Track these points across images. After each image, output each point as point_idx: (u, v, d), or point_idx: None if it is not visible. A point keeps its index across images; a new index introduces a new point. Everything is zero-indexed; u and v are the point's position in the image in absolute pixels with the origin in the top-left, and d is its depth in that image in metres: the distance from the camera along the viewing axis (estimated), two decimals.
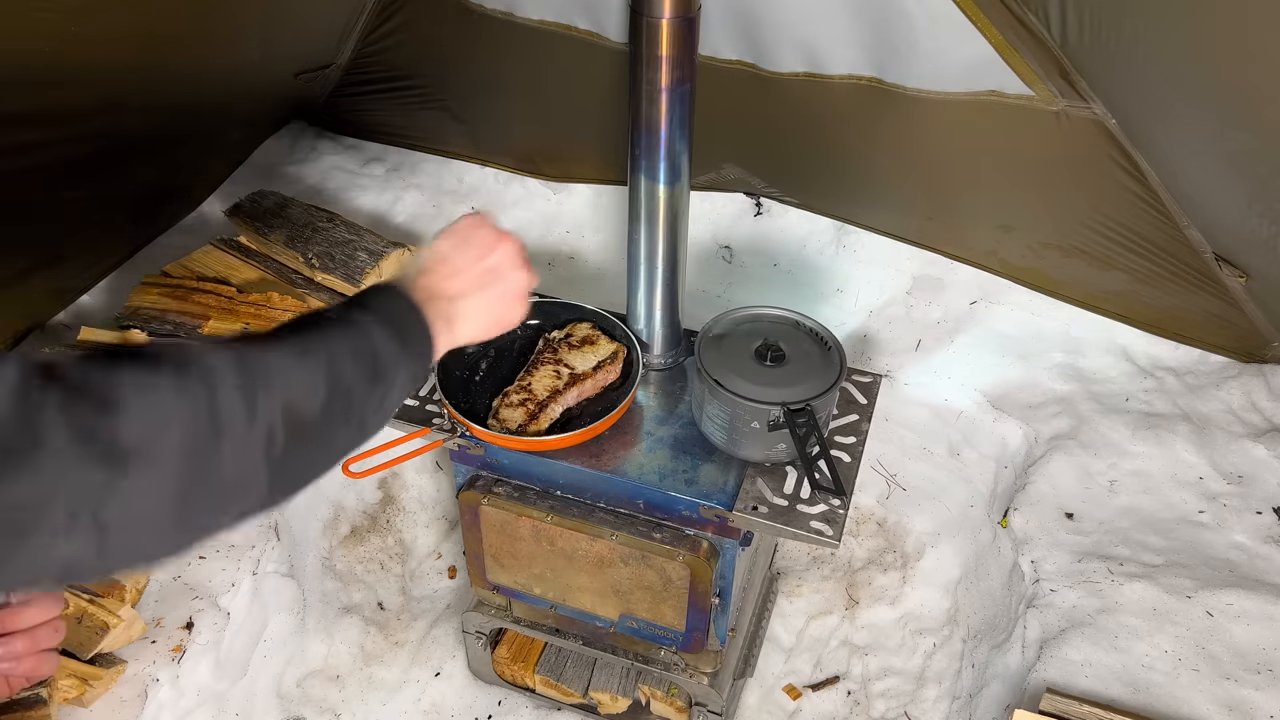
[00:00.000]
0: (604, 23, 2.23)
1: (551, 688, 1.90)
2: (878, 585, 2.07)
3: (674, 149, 1.34)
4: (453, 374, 1.52)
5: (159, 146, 2.33)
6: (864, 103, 2.12)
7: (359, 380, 0.79)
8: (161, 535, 0.66)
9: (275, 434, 0.69)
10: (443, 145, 2.88)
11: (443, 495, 2.24)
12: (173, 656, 1.97)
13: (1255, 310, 2.17)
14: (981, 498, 2.17)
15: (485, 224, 1.03)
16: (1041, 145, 2.04)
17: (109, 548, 0.62)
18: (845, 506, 1.37)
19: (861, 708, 1.93)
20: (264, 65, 2.47)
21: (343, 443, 0.80)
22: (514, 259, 1.03)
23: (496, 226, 1.03)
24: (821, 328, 1.45)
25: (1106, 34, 1.64)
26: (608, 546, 1.51)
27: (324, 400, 0.74)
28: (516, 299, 1.03)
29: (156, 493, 0.63)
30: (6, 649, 0.85)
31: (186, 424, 0.64)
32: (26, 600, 0.86)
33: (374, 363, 0.81)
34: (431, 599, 2.13)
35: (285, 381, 0.71)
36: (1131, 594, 1.84)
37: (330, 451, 0.79)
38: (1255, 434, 2.17)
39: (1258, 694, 1.65)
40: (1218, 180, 1.85)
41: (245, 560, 2.16)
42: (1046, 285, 2.43)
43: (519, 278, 1.03)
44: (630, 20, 1.24)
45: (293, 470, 0.73)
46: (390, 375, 0.82)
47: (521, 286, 1.04)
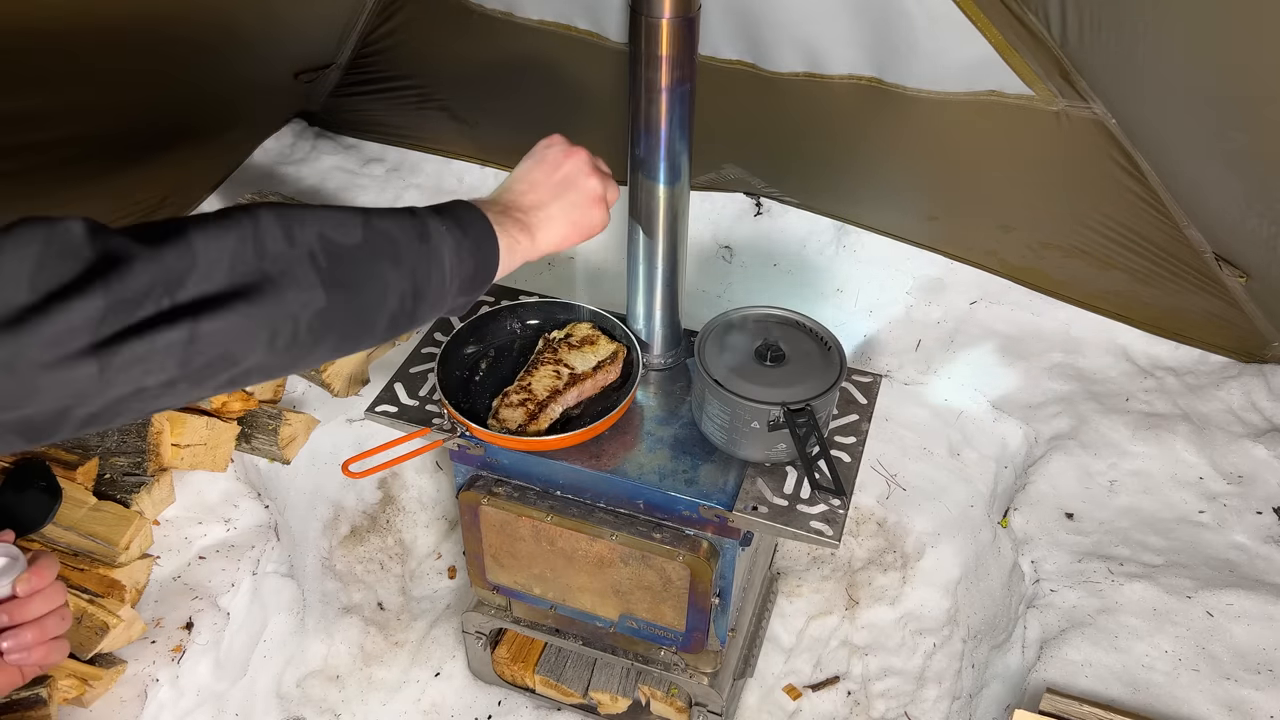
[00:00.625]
0: (604, 23, 2.23)
1: (551, 688, 1.90)
2: (878, 585, 2.07)
3: (674, 149, 1.34)
4: (453, 374, 1.52)
5: (159, 146, 2.33)
6: (864, 103, 2.12)
7: (401, 232, 0.84)
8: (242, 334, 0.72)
9: (317, 256, 0.77)
10: (443, 145, 2.88)
11: (443, 495, 2.24)
12: (173, 656, 1.97)
13: (1255, 310, 2.17)
14: (981, 498, 2.17)
15: (557, 141, 1.12)
16: (1041, 145, 2.04)
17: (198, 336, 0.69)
18: (845, 506, 1.37)
19: (861, 708, 1.93)
20: (264, 65, 2.47)
21: (397, 286, 0.83)
22: (586, 168, 1.10)
23: (567, 142, 1.11)
24: (821, 328, 1.45)
25: (1106, 34, 1.64)
26: (608, 546, 1.51)
27: (361, 237, 0.80)
28: (594, 203, 1.09)
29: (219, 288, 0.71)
30: (16, 640, 0.87)
31: (235, 243, 0.72)
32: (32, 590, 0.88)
33: (417, 226, 0.86)
34: (431, 599, 2.13)
35: (319, 218, 0.79)
36: (1131, 594, 1.84)
37: (384, 286, 0.82)
38: (1255, 434, 2.17)
39: (1258, 694, 1.65)
40: (1218, 180, 1.85)
41: (245, 560, 2.16)
42: (1046, 285, 2.43)
43: (593, 184, 1.09)
44: (630, 20, 1.24)
45: (346, 287, 0.79)
46: (437, 241, 0.87)
47: (597, 191, 1.09)
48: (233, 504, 2.25)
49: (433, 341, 1.61)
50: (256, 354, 0.74)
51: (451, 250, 0.88)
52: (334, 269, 0.78)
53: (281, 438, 2.16)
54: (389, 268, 0.83)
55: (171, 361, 0.68)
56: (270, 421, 2.17)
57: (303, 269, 0.76)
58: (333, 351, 0.81)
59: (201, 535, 2.18)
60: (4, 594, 0.87)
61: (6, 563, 0.88)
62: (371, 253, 0.81)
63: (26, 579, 0.88)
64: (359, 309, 0.81)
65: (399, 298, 0.84)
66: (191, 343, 0.69)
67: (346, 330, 0.80)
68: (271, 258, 0.74)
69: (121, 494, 2.05)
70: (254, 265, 0.73)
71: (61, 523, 1.93)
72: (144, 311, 0.67)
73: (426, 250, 0.86)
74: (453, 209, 0.92)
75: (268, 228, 0.75)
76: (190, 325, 0.68)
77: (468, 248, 0.90)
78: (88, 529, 1.94)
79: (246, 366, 0.74)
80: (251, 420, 2.19)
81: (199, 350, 0.69)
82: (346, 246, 0.79)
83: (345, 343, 0.81)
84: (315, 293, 0.76)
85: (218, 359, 0.71)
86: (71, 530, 1.93)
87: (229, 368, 0.73)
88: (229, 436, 2.17)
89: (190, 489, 2.22)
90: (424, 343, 1.63)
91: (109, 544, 1.95)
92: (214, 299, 0.70)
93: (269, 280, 0.73)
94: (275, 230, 0.75)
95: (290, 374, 0.81)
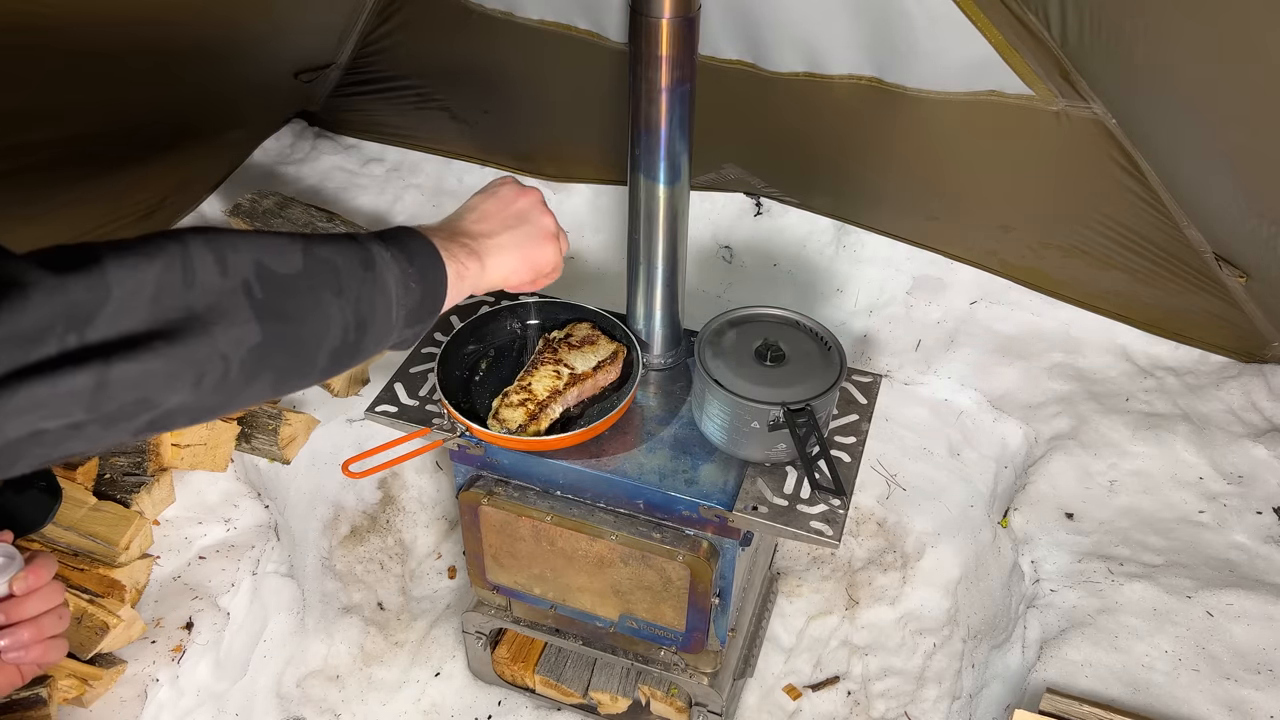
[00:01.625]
0: (604, 23, 2.23)
1: (551, 688, 1.90)
2: (878, 585, 2.07)
3: (674, 149, 1.34)
4: (453, 374, 1.52)
5: (159, 146, 2.33)
6: (864, 103, 2.12)
7: (343, 260, 0.79)
8: (163, 377, 0.66)
9: (252, 286, 0.71)
10: (443, 145, 2.88)
11: (443, 495, 2.24)
12: (173, 656, 1.97)
13: (1255, 310, 2.17)
14: (981, 498, 2.17)
15: (509, 179, 1.10)
16: (1041, 145, 2.04)
17: (108, 382, 0.62)
18: (845, 506, 1.37)
19: (861, 708, 1.93)
20: (264, 65, 2.47)
21: (339, 319, 0.78)
22: (538, 205, 1.08)
23: (520, 182, 1.09)
24: (821, 328, 1.45)
25: (1106, 34, 1.64)
26: (608, 546, 1.51)
27: (301, 265, 0.75)
28: (546, 238, 1.07)
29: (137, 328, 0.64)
30: (14, 639, 0.87)
31: (159, 274, 0.66)
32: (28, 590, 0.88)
33: (360, 252, 0.81)
34: (431, 599, 2.13)
35: (254, 245, 0.73)
36: (1131, 594, 1.84)
37: (324, 319, 0.77)
38: (1255, 434, 2.17)
39: (1258, 694, 1.65)
40: (1218, 180, 1.85)
41: (245, 560, 2.16)
42: (1046, 285, 2.43)
43: (546, 221, 1.07)
44: (630, 20, 1.24)
45: (282, 320, 0.73)
46: (382, 268, 0.82)
47: (550, 227, 1.07)
48: (233, 504, 2.25)
49: (433, 341, 1.61)
50: (180, 396, 0.67)
51: (397, 278, 0.83)
52: (271, 300, 0.72)
53: (281, 438, 2.17)
54: (331, 298, 0.77)
55: (77, 406, 0.62)
56: (270, 421, 2.17)
57: (236, 301, 0.70)
58: (269, 390, 0.75)
59: (201, 535, 2.18)
60: (1, 593, 0.88)
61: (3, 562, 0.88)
62: (312, 282, 0.76)
63: (23, 578, 0.88)
64: (298, 343, 0.75)
65: (342, 329, 0.78)
66: (101, 388, 0.62)
67: (284, 366, 0.75)
68: (201, 290, 0.67)
69: (121, 494, 2.05)
70: (180, 300, 0.66)
71: (61, 523, 1.93)
72: (44, 350, 0.60)
73: (371, 278, 0.81)
74: (397, 235, 0.87)
75: (198, 255, 0.68)
76: (100, 369, 0.62)
77: (414, 275, 0.85)
78: (88, 529, 1.94)
79: (168, 409, 0.68)
80: (251, 420, 2.19)
81: (109, 395, 0.63)
82: (285, 275, 0.74)
83: (283, 380, 0.75)
84: (249, 328, 0.70)
85: (133, 404, 0.65)
86: (71, 530, 1.93)
87: (147, 411, 0.66)
88: (229, 436, 2.17)
89: (190, 489, 2.22)
90: (424, 343, 1.63)
91: (109, 544, 1.95)
92: (130, 339, 0.63)
93: (196, 317, 0.67)
94: (206, 258, 0.69)
95: (222, 415, 0.75)
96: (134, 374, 0.63)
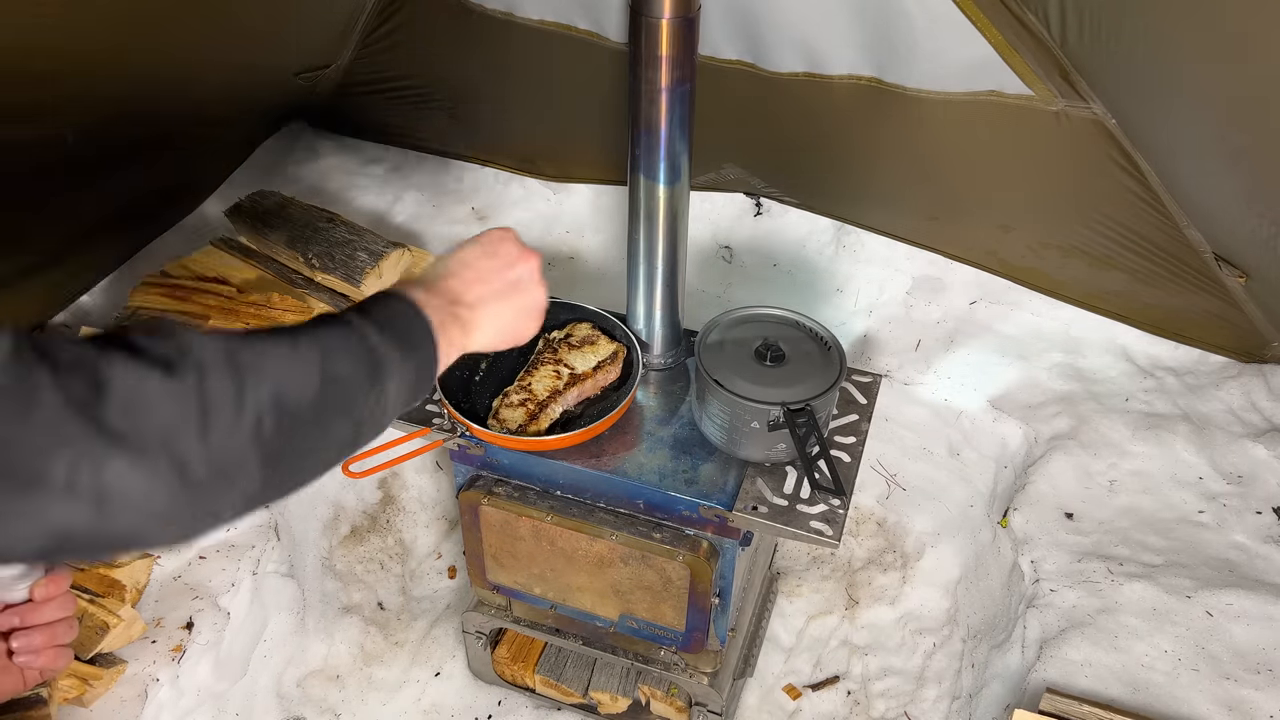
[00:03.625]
0: (604, 23, 2.23)
1: (551, 688, 1.90)
2: (878, 585, 2.07)
3: (674, 149, 1.34)
4: (453, 374, 1.51)
5: (159, 146, 2.33)
6: (864, 103, 2.12)
7: (355, 375, 0.77)
8: (157, 516, 0.65)
9: (264, 421, 0.68)
10: (443, 145, 2.88)
11: (443, 495, 2.24)
12: (173, 656, 1.97)
13: (1255, 310, 2.16)
14: (981, 498, 2.17)
15: (511, 236, 1.04)
16: (1041, 145, 2.04)
17: (107, 516, 0.62)
18: (845, 506, 1.37)
19: (861, 708, 1.93)
20: (264, 65, 2.47)
21: (338, 439, 0.77)
22: (535, 274, 1.04)
23: (521, 242, 1.04)
24: (821, 328, 1.45)
25: (1106, 34, 1.64)
26: (608, 546, 1.51)
27: (317, 391, 0.73)
28: (534, 314, 1.04)
29: (147, 472, 0.63)
30: (26, 641, 0.89)
31: (173, 410, 0.64)
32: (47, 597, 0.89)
33: (370, 359, 0.79)
34: (431, 599, 2.13)
35: (276, 370, 0.70)
36: (1131, 594, 1.84)
37: (325, 445, 0.76)
38: (1255, 434, 2.17)
39: (1258, 694, 1.65)
40: (1218, 180, 1.85)
41: (245, 560, 2.16)
42: (1046, 285, 2.43)
43: (539, 294, 1.04)
44: (630, 20, 1.24)
45: (286, 460, 0.71)
46: (387, 373, 0.80)
47: (540, 303, 1.04)
48: None
49: None
50: (168, 535, 0.67)
51: (396, 382, 0.81)
52: (279, 441, 0.69)
53: None
54: (338, 419, 0.75)
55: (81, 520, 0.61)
56: None
57: (242, 444, 0.66)
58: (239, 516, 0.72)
59: None
60: (21, 598, 0.90)
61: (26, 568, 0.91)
62: (322, 410, 0.73)
63: (43, 584, 0.90)
64: (293, 480, 0.74)
65: (338, 448, 0.77)
66: (97, 522, 0.61)
67: (270, 499, 0.73)
68: (212, 446, 0.64)
69: None
70: (189, 452, 0.64)
71: None
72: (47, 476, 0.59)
73: (377, 392, 0.79)
74: (396, 320, 0.84)
75: (215, 382, 0.65)
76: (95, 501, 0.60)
77: (411, 376, 0.84)
78: None
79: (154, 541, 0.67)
80: None
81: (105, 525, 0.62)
82: (298, 408, 0.71)
83: (254, 506, 0.72)
84: (250, 478, 0.68)
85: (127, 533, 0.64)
86: None
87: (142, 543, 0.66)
88: None
89: None
90: None
91: None
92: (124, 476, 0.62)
93: (199, 479, 0.64)
94: (225, 385, 0.65)
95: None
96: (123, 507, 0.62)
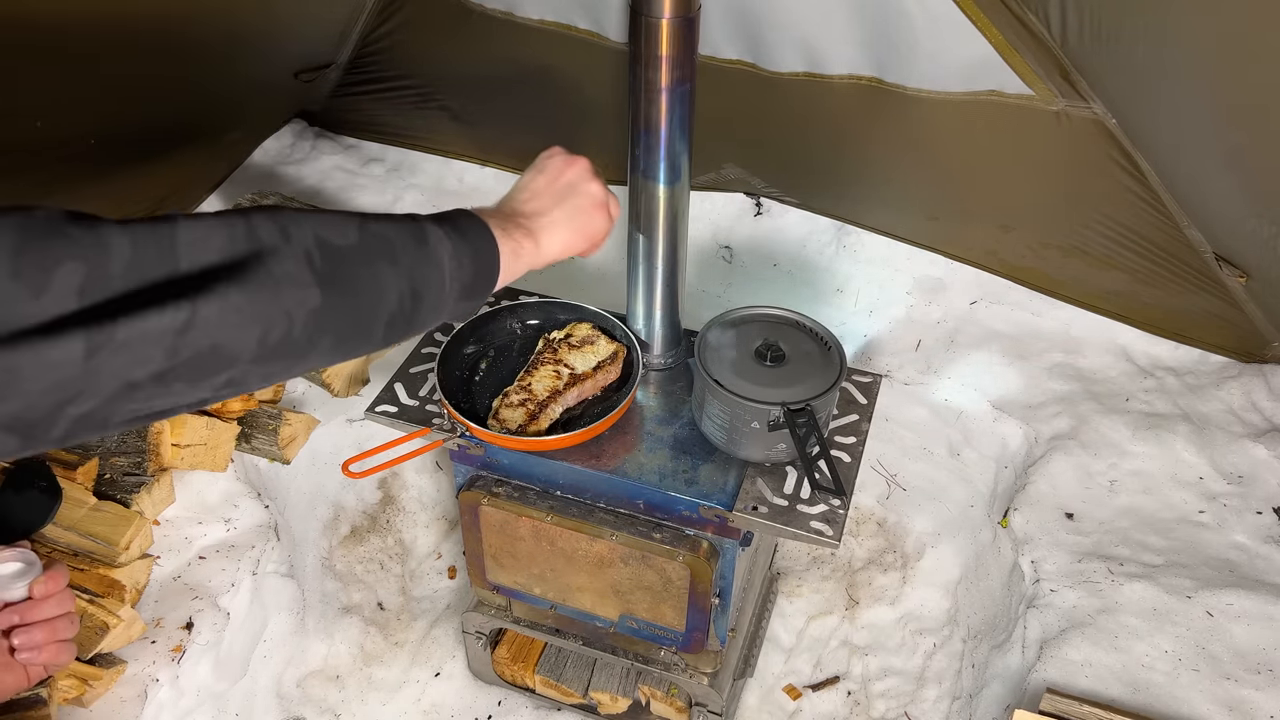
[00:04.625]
0: (604, 23, 2.23)
1: (551, 688, 1.90)
2: (878, 585, 2.07)
3: (674, 149, 1.34)
4: (453, 374, 1.52)
5: (159, 146, 2.34)
6: (864, 103, 2.12)
7: (399, 236, 0.84)
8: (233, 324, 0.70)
9: (313, 255, 0.75)
10: (443, 145, 2.88)
11: (443, 495, 2.24)
12: (173, 656, 1.97)
13: (1255, 310, 2.17)
14: (981, 498, 2.17)
15: (558, 152, 1.13)
16: (1041, 145, 2.04)
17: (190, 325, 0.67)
18: (845, 506, 1.37)
19: (861, 708, 1.93)
20: (264, 65, 2.47)
21: (393, 285, 0.82)
22: (588, 174, 1.11)
23: (568, 152, 1.13)
24: (821, 328, 1.45)
25: (1106, 34, 1.64)
26: (608, 546, 1.51)
27: (357, 238, 0.80)
28: (597, 207, 1.10)
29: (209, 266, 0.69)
30: (27, 638, 0.90)
31: (226, 238, 0.71)
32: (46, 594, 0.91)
33: (416, 230, 0.86)
34: (431, 599, 2.13)
35: (314, 220, 0.78)
36: (1131, 594, 1.84)
37: (379, 289, 0.81)
38: (1255, 434, 2.17)
39: (1258, 694, 1.65)
40: (1218, 180, 1.85)
41: (245, 560, 2.16)
42: (1046, 285, 2.43)
43: (595, 188, 1.11)
44: (630, 20, 1.24)
45: (340, 287, 0.77)
46: (435, 244, 0.86)
47: (599, 196, 1.11)
48: (233, 504, 2.25)
49: (433, 341, 1.61)
50: (250, 349, 0.72)
51: (450, 254, 0.88)
52: (330, 268, 0.76)
53: (281, 438, 2.16)
54: (386, 268, 0.82)
55: (159, 351, 0.66)
56: (270, 421, 2.17)
57: (298, 266, 0.75)
58: (330, 354, 0.79)
59: (201, 535, 2.18)
60: (20, 596, 0.91)
61: (24, 567, 0.92)
62: (367, 254, 0.80)
63: (42, 582, 0.91)
64: (356, 310, 0.79)
65: (397, 298, 0.83)
66: (180, 332, 0.67)
67: (343, 332, 0.79)
68: (266, 250, 0.73)
69: (121, 494, 2.05)
70: (246, 250, 0.72)
71: (61, 523, 1.93)
72: (127, 284, 0.65)
73: (424, 253, 0.86)
74: (452, 217, 0.92)
75: (261, 224, 0.74)
76: (175, 309, 0.66)
77: (466, 252, 0.90)
78: (88, 529, 1.94)
79: (241, 365, 0.72)
80: (251, 420, 2.19)
81: (187, 341, 0.67)
82: (342, 247, 0.78)
83: (342, 345, 0.80)
84: (310, 290, 0.75)
85: (208, 351, 0.69)
86: (71, 530, 1.93)
87: (223, 366, 0.71)
88: (229, 436, 2.17)
89: (190, 489, 2.22)
90: (424, 343, 1.63)
91: (109, 544, 1.95)
92: (204, 282, 0.69)
93: (264, 269, 0.72)
94: (270, 226, 0.74)
95: (288, 378, 0.78)
96: (207, 317, 0.68)
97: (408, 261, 0.84)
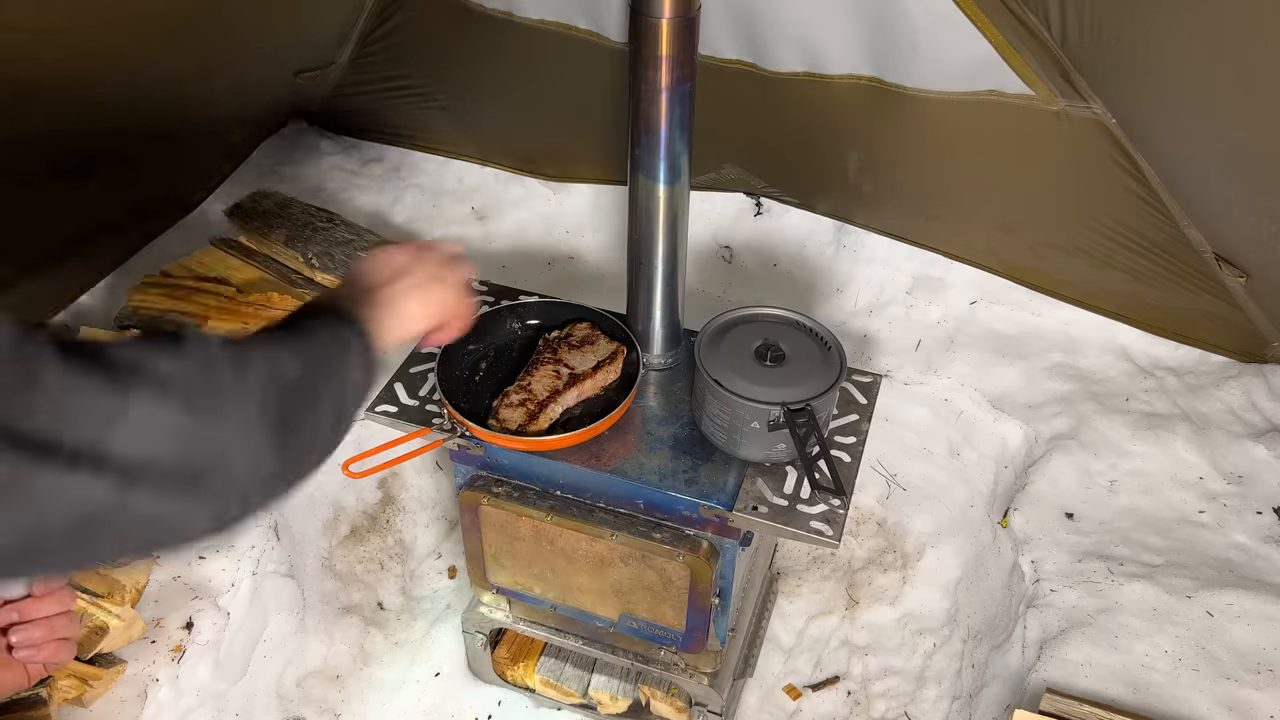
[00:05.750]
0: (604, 23, 2.23)
1: (551, 688, 1.90)
2: (878, 585, 2.07)
3: (674, 149, 1.34)
4: (453, 374, 1.52)
5: (159, 146, 2.33)
6: (864, 103, 2.12)
7: (331, 348, 0.87)
8: (173, 490, 0.67)
9: (268, 396, 0.75)
10: (443, 145, 2.88)
11: (443, 495, 2.24)
12: (173, 656, 1.97)
13: (1255, 310, 2.16)
14: (981, 498, 2.17)
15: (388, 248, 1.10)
16: (1041, 145, 2.04)
17: (129, 488, 0.64)
18: (845, 506, 1.37)
19: (861, 708, 1.93)
20: (264, 65, 2.47)
21: (330, 409, 0.84)
22: (418, 253, 1.07)
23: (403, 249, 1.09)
24: (821, 328, 1.45)
25: (1106, 34, 1.64)
26: (608, 546, 1.51)
27: (302, 370, 0.81)
28: (437, 278, 1.06)
29: (158, 425, 0.66)
30: (25, 636, 0.90)
31: (180, 377, 0.69)
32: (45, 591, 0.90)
33: (335, 334, 0.89)
34: (431, 599, 2.13)
35: (267, 352, 0.79)
36: (1131, 594, 1.84)
37: (319, 417, 0.83)
38: (1255, 434, 2.17)
39: (1258, 694, 1.65)
40: (1218, 180, 1.85)
41: (245, 560, 2.16)
42: (1046, 285, 2.43)
43: (431, 258, 1.07)
44: (630, 20, 1.24)
45: (290, 430, 0.78)
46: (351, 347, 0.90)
47: (439, 260, 1.08)
48: None
49: None
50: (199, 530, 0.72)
51: (356, 353, 0.90)
52: (281, 413, 0.76)
53: None
54: (326, 387, 0.84)
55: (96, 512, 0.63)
56: None
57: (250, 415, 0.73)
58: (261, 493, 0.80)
59: None
60: (19, 592, 0.91)
61: None
62: (312, 378, 0.82)
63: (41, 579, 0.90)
64: (301, 450, 0.81)
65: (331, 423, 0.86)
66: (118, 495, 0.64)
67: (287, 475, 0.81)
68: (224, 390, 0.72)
69: None
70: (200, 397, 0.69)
71: None
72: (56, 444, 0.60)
73: (347, 360, 0.88)
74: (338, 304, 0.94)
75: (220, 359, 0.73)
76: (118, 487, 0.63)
77: (369, 353, 0.92)
78: None
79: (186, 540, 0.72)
80: None
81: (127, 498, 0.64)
82: (291, 382, 0.79)
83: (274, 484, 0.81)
84: (266, 451, 0.75)
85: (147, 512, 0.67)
86: None
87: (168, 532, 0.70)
88: None
89: None
90: (424, 342, 1.62)
91: None
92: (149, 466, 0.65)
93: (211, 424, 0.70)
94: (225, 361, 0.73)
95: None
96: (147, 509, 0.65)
97: (340, 374, 0.87)
